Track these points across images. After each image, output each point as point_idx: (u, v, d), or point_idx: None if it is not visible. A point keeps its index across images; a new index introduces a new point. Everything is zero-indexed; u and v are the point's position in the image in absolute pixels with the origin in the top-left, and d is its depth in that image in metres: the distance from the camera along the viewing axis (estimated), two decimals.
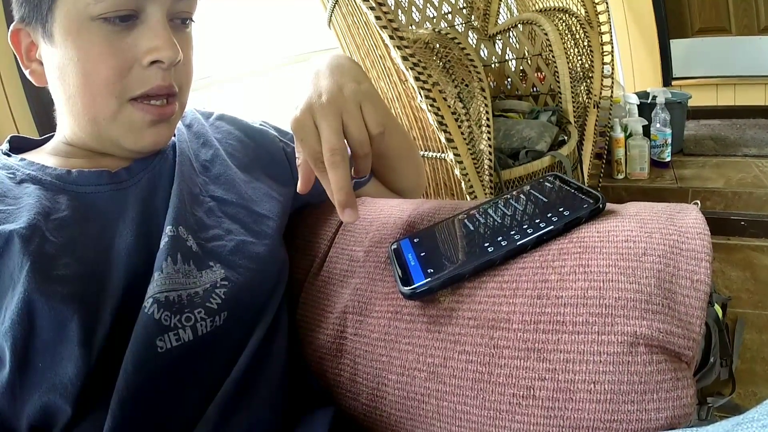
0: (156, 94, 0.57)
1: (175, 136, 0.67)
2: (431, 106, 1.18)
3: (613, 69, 1.89)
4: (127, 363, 0.48)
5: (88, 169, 0.58)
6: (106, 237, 0.54)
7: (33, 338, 0.46)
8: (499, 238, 0.54)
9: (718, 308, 1.47)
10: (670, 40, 2.99)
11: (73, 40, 0.54)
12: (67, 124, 0.61)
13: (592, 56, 1.79)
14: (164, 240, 0.54)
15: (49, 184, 0.55)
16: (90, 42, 0.54)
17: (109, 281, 0.51)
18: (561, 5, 1.86)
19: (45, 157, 0.60)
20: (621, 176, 2.34)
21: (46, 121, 1.03)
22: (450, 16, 1.98)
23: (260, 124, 0.79)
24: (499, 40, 1.97)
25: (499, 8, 2.01)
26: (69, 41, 0.54)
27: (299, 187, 0.60)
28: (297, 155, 0.59)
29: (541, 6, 1.97)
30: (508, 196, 0.61)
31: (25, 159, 0.58)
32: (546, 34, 1.66)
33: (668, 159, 2.37)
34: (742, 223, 2.02)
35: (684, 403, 0.44)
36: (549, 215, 0.54)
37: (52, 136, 0.65)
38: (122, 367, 0.48)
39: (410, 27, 1.85)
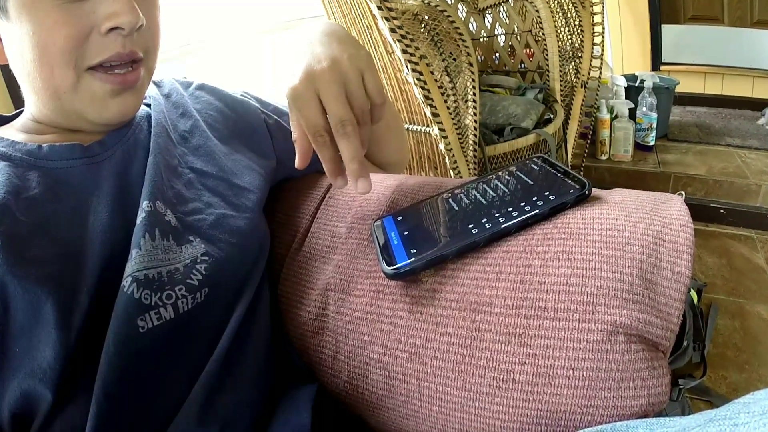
0: (117, 63, 0.54)
1: (150, 106, 0.65)
2: (418, 79, 1.16)
3: (602, 50, 1.88)
4: (109, 344, 0.46)
5: (60, 143, 0.55)
6: (80, 215, 0.52)
7: (8, 322, 0.45)
8: (483, 220, 0.54)
9: (693, 293, 1.50)
10: (662, 25, 2.97)
11: (27, 13, 0.50)
12: (32, 102, 0.58)
13: (582, 36, 1.77)
14: (141, 216, 0.53)
15: (19, 160, 0.52)
16: (44, 13, 0.50)
17: (84, 261, 0.49)
18: None
19: (14, 133, 0.57)
20: (604, 157, 2.35)
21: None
22: None
23: (242, 95, 0.76)
24: (489, 14, 1.95)
25: None
26: (24, 15, 0.50)
27: (297, 162, 0.57)
28: (293, 128, 0.57)
29: None
30: (494, 177, 0.61)
31: None
32: (537, 10, 1.65)
33: (652, 143, 2.39)
34: (722, 211, 2.05)
35: (658, 392, 0.45)
36: (534, 199, 0.54)
37: (21, 112, 0.62)
38: (104, 348, 0.46)
39: None
